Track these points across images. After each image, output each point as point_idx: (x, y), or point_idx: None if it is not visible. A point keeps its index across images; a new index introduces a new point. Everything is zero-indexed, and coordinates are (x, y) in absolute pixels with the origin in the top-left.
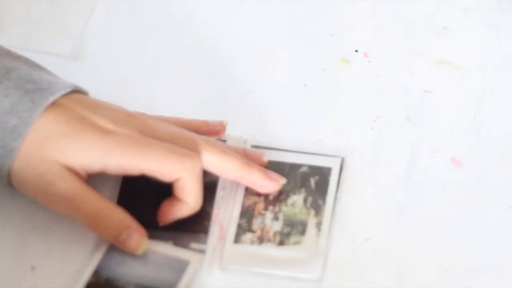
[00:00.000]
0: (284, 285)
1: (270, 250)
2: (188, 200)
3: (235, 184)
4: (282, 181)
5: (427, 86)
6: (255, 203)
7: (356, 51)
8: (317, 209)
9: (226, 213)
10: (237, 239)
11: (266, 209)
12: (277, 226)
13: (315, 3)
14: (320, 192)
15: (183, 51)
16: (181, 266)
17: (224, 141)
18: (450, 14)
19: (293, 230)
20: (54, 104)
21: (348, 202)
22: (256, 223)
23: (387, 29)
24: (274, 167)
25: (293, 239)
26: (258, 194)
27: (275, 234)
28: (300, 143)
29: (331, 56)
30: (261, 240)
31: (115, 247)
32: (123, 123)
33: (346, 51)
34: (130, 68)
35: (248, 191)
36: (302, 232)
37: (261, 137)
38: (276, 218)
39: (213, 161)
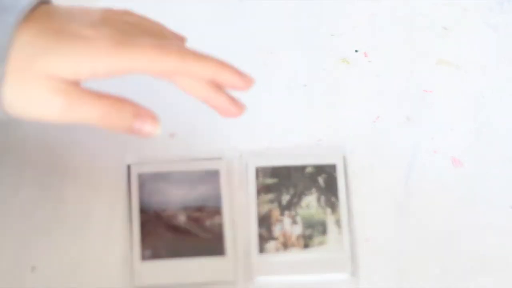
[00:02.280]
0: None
1: (297, 255)
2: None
3: (246, 195)
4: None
5: (427, 86)
6: (270, 210)
7: (356, 51)
8: (332, 206)
9: (244, 225)
10: (261, 249)
11: (282, 214)
12: (298, 229)
13: (315, 3)
14: (330, 189)
15: None
16: (213, 175)
17: (220, 158)
18: (450, 14)
19: (314, 231)
20: (26, 21)
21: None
22: (277, 230)
23: (387, 29)
24: (279, 171)
25: (316, 240)
26: (271, 201)
27: (297, 238)
28: (300, 144)
29: (331, 56)
30: (285, 246)
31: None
32: (102, 26)
33: (346, 51)
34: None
35: (260, 199)
36: (324, 232)
37: (260, 139)
38: (294, 222)
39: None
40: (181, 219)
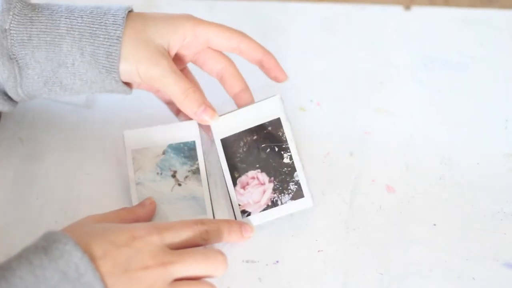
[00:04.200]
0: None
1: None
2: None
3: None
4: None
5: (367, 128)
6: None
7: (311, 101)
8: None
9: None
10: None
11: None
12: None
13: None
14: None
15: None
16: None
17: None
18: (385, 71)
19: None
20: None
21: (304, 220)
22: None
23: (335, 83)
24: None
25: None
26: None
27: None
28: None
29: (291, 105)
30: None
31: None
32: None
33: (303, 101)
34: (131, 114)
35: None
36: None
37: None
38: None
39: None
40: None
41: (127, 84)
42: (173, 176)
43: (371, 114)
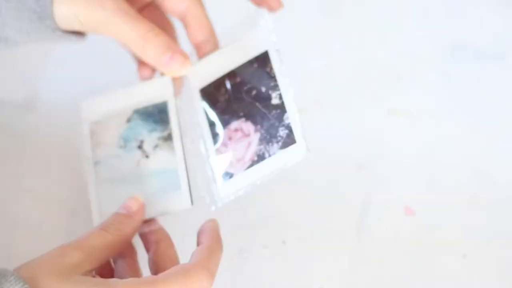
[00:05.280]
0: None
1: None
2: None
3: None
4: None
5: (379, 135)
6: None
7: (311, 101)
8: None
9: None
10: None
11: None
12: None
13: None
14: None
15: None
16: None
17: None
18: (402, 63)
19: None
20: None
21: (301, 255)
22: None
23: (341, 79)
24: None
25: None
26: None
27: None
28: None
29: None
30: None
31: None
32: None
33: (302, 101)
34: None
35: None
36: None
37: None
38: None
39: None
40: None
41: (76, 33)
42: (139, 147)
43: (384, 117)
